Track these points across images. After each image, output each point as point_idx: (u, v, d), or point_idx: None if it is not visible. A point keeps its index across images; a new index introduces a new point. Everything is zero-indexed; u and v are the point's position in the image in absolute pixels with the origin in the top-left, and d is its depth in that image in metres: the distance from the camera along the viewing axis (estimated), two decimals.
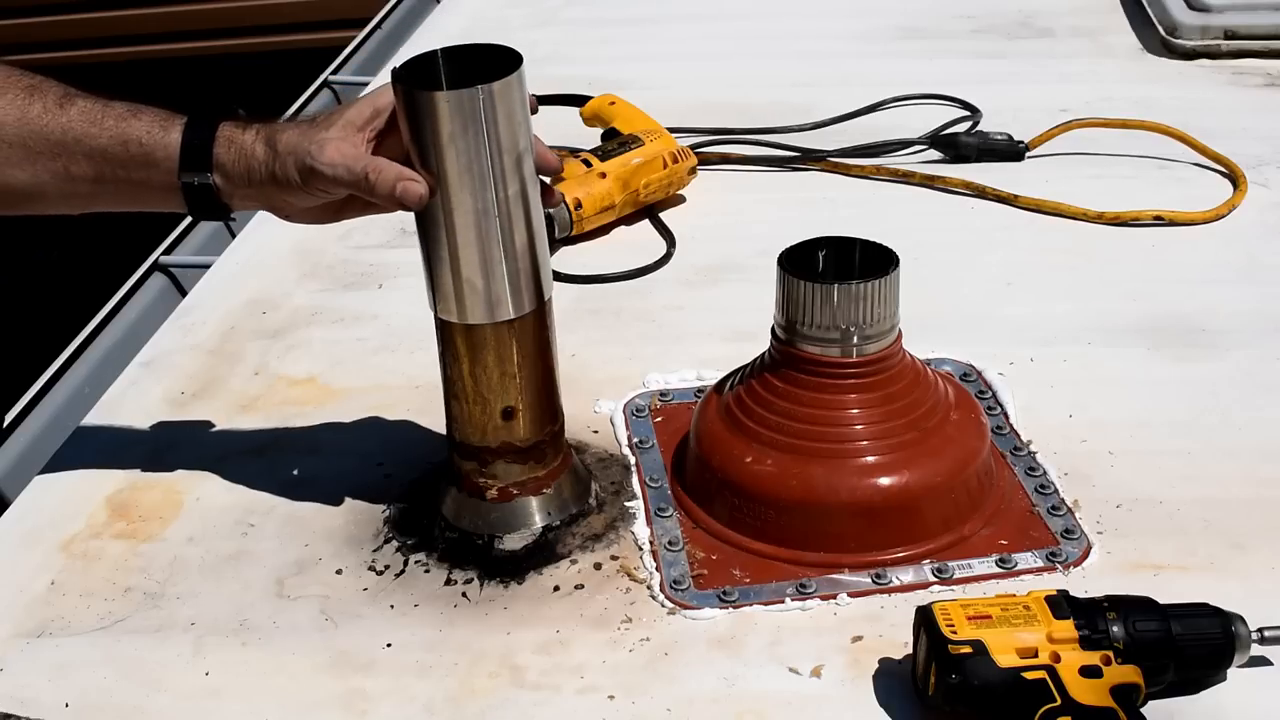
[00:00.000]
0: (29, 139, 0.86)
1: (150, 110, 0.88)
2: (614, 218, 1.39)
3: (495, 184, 0.83)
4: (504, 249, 0.85)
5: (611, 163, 1.38)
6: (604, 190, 1.36)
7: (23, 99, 0.86)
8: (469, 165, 0.82)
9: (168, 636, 0.87)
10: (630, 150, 1.40)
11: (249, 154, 0.86)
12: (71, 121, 0.86)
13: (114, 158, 0.86)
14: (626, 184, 1.38)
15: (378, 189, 0.83)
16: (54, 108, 0.86)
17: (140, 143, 0.86)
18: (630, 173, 1.38)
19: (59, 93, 0.87)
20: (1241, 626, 0.77)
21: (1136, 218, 1.34)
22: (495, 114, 0.82)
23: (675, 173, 1.42)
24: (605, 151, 1.40)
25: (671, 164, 1.41)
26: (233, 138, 0.86)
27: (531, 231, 0.87)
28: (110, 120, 0.86)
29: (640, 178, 1.39)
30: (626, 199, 1.38)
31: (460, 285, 0.86)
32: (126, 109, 0.88)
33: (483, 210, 0.84)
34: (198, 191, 0.87)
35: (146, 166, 0.86)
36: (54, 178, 0.87)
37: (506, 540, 0.93)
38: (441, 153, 0.82)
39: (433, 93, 0.81)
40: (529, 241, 0.87)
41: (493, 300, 0.87)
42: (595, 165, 1.38)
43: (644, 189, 1.39)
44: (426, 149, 0.83)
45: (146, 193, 0.88)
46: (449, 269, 0.86)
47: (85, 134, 0.86)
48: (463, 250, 0.85)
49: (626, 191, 1.38)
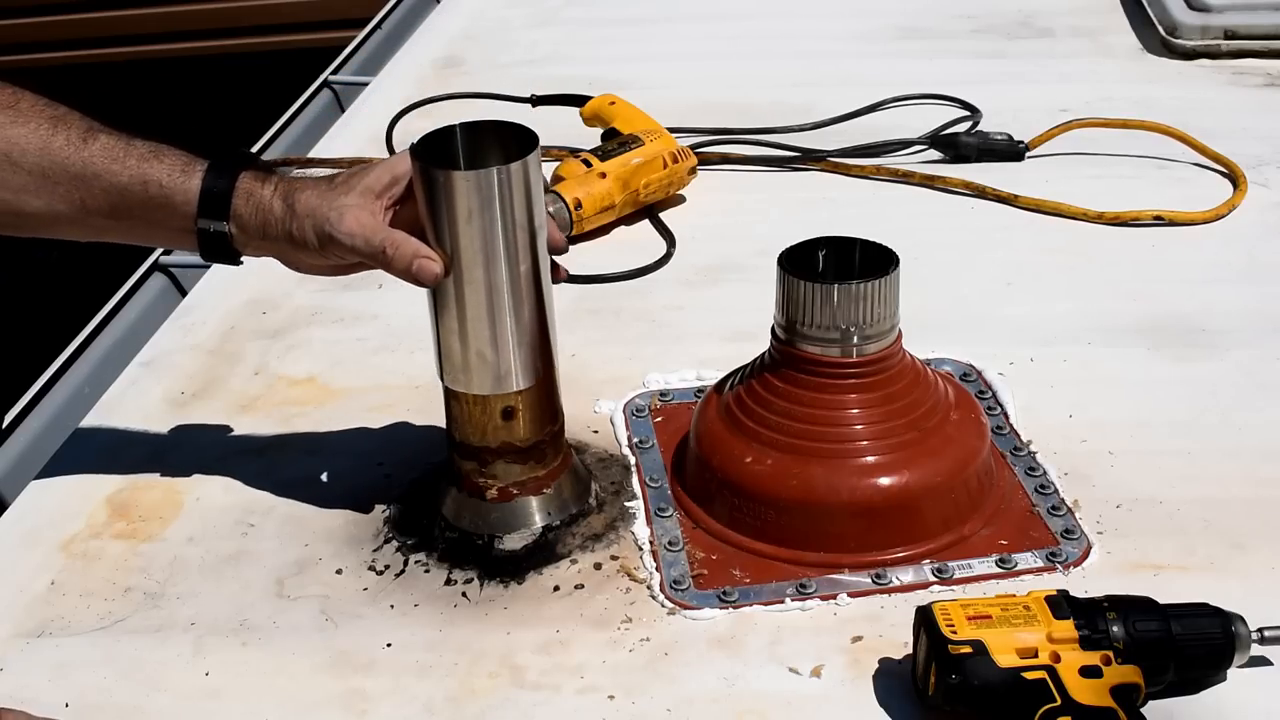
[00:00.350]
0: (49, 169, 0.87)
1: (172, 152, 0.89)
2: (614, 218, 1.39)
3: (508, 261, 0.85)
4: (514, 324, 0.87)
5: (611, 163, 1.38)
6: (604, 190, 1.36)
7: (47, 129, 0.87)
8: (484, 242, 0.84)
9: (168, 636, 0.87)
10: (630, 150, 1.40)
11: (266, 209, 0.87)
12: (93, 156, 0.87)
13: (133, 196, 0.87)
14: (626, 184, 1.38)
15: (394, 265, 0.85)
16: (77, 140, 0.87)
17: (161, 185, 0.87)
18: (630, 173, 1.38)
19: (83, 126, 0.88)
20: (1241, 626, 0.77)
21: (1136, 218, 1.34)
22: (512, 193, 0.83)
23: (675, 173, 1.42)
24: (605, 151, 1.40)
25: (671, 164, 1.41)
26: (252, 191, 0.88)
27: (542, 307, 0.89)
28: (132, 159, 0.87)
29: (640, 178, 1.39)
30: (626, 199, 1.38)
31: (469, 358, 0.88)
32: (149, 149, 0.88)
33: (495, 286, 0.86)
34: (212, 238, 0.88)
35: (165, 209, 0.88)
36: (70, 208, 0.88)
37: (506, 540, 0.93)
38: (458, 229, 0.84)
39: (452, 172, 0.83)
40: (539, 317, 0.89)
41: (501, 373, 0.89)
42: (595, 165, 1.38)
43: (644, 189, 1.39)
44: (442, 224, 0.84)
45: (161, 233, 0.90)
46: (458, 341, 0.88)
47: (106, 170, 0.87)
48: (473, 324, 0.87)
49: (626, 191, 1.38)
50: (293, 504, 0.99)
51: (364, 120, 1.72)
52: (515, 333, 0.88)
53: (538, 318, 0.89)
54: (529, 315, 0.88)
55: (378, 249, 0.85)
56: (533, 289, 0.88)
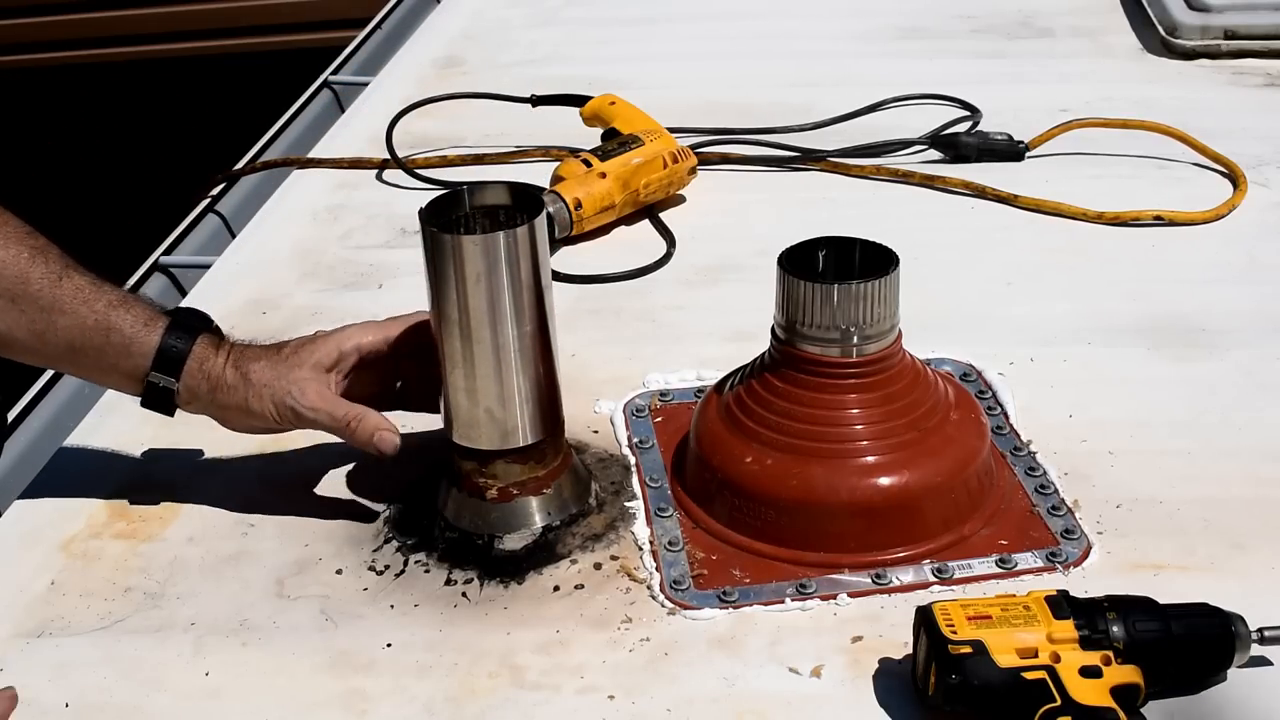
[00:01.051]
0: (19, 295, 0.90)
1: (139, 304, 0.93)
2: (614, 218, 1.39)
3: (516, 321, 0.87)
4: (522, 382, 0.89)
5: (611, 163, 1.38)
6: (604, 190, 1.36)
7: (26, 257, 0.90)
8: (491, 304, 0.86)
9: (168, 636, 0.87)
10: (630, 150, 1.40)
11: (218, 377, 0.92)
12: (65, 295, 0.91)
13: (93, 340, 0.91)
14: (626, 184, 1.38)
15: (357, 436, 0.92)
16: (53, 276, 0.91)
17: (123, 333, 0.91)
18: (630, 173, 1.38)
19: (61, 263, 0.92)
20: (1241, 626, 0.77)
21: (1136, 218, 1.34)
22: (518, 256, 0.86)
23: (675, 173, 1.42)
24: (605, 151, 1.40)
25: (671, 164, 1.41)
26: (205, 357, 0.93)
27: (550, 365, 0.91)
28: (100, 305, 0.91)
29: (640, 178, 1.39)
30: (626, 199, 1.38)
31: (477, 415, 0.90)
32: (118, 297, 0.93)
33: (503, 346, 0.88)
34: (159, 392, 0.93)
35: (121, 356, 0.92)
36: (28, 336, 0.91)
37: (506, 540, 0.93)
38: (466, 291, 0.86)
39: (461, 236, 0.85)
40: (547, 374, 0.91)
41: (508, 429, 0.91)
42: (595, 165, 1.38)
43: (644, 189, 1.39)
44: (449, 287, 0.86)
45: (112, 375, 0.94)
46: (466, 399, 0.90)
47: (73, 311, 0.91)
48: (481, 383, 0.89)
49: (626, 191, 1.38)
50: (293, 504, 0.99)
51: (364, 120, 1.72)
52: (522, 391, 0.90)
53: (545, 375, 0.91)
54: (536, 373, 0.90)
55: (341, 423, 0.92)
56: (540, 347, 0.90)
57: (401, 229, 1.41)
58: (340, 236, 1.41)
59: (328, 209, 1.48)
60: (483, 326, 0.87)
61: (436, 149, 1.60)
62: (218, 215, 1.58)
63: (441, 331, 0.89)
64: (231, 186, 1.62)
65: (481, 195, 0.91)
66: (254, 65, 3.57)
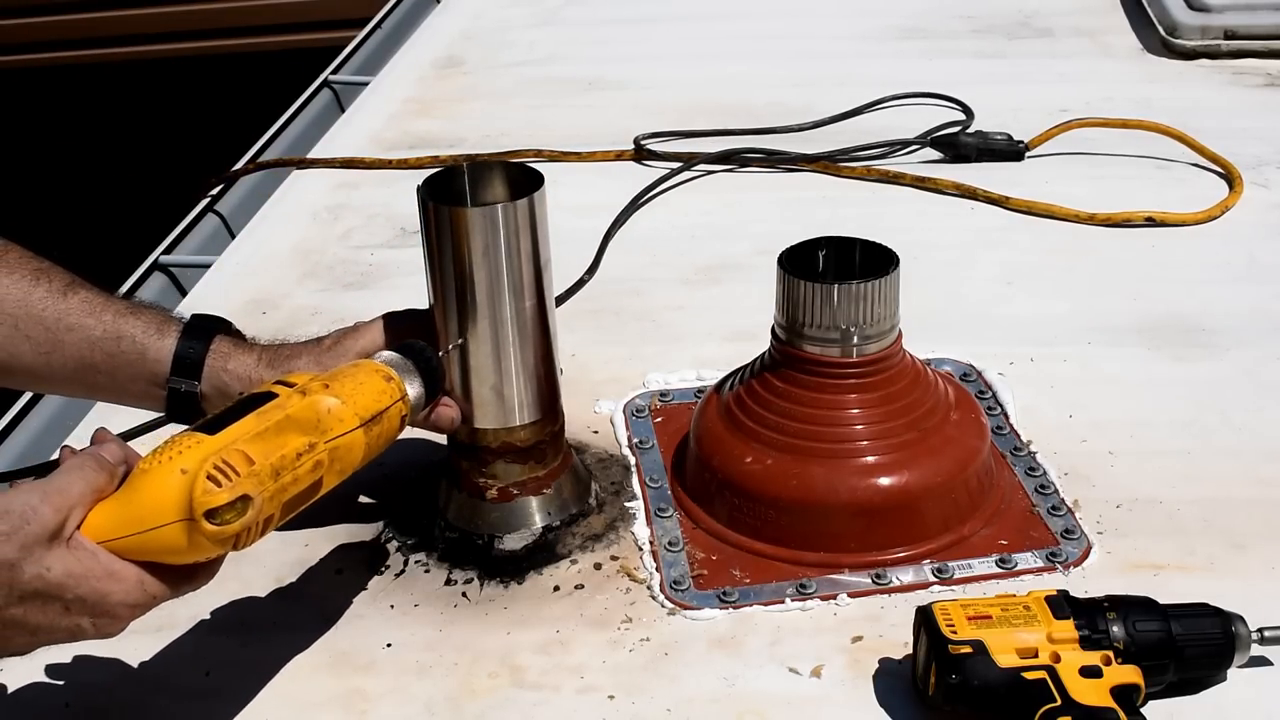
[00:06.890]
0: (22, 320, 0.88)
1: (150, 311, 0.91)
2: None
3: (515, 296, 0.87)
4: (521, 359, 0.89)
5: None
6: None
7: (29, 281, 0.88)
8: (492, 277, 0.86)
9: (168, 636, 0.87)
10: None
11: (251, 379, 0.88)
12: (71, 309, 0.88)
13: (105, 350, 0.89)
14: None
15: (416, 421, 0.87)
16: (57, 293, 0.89)
17: (135, 340, 0.89)
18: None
19: (65, 280, 0.90)
20: (1241, 626, 0.77)
21: (1128, 219, 1.34)
22: (518, 229, 0.86)
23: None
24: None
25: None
26: (230, 355, 0.89)
27: (548, 343, 0.91)
28: (109, 314, 0.89)
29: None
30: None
31: (481, 394, 0.90)
32: (126, 306, 0.90)
33: (502, 321, 0.87)
34: (182, 398, 0.89)
35: (136, 364, 0.89)
36: (35, 359, 0.88)
37: (506, 540, 0.93)
38: (466, 264, 0.85)
39: (463, 208, 0.85)
40: (546, 352, 0.91)
41: (508, 408, 0.90)
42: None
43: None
44: (449, 261, 0.86)
45: (128, 386, 0.90)
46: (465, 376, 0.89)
47: (81, 324, 0.88)
48: (480, 360, 0.89)
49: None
50: None
51: (364, 120, 1.72)
52: (524, 366, 0.89)
53: (544, 353, 0.90)
54: (535, 350, 0.90)
55: None
56: (539, 324, 0.89)
57: (401, 229, 1.41)
58: (340, 236, 1.41)
59: (327, 209, 1.48)
60: (483, 301, 0.86)
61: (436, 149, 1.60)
62: (217, 215, 1.58)
63: (443, 307, 0.88)
64: (231, 186, 1.62)
65: (478, 171, 0.90)
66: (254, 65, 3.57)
